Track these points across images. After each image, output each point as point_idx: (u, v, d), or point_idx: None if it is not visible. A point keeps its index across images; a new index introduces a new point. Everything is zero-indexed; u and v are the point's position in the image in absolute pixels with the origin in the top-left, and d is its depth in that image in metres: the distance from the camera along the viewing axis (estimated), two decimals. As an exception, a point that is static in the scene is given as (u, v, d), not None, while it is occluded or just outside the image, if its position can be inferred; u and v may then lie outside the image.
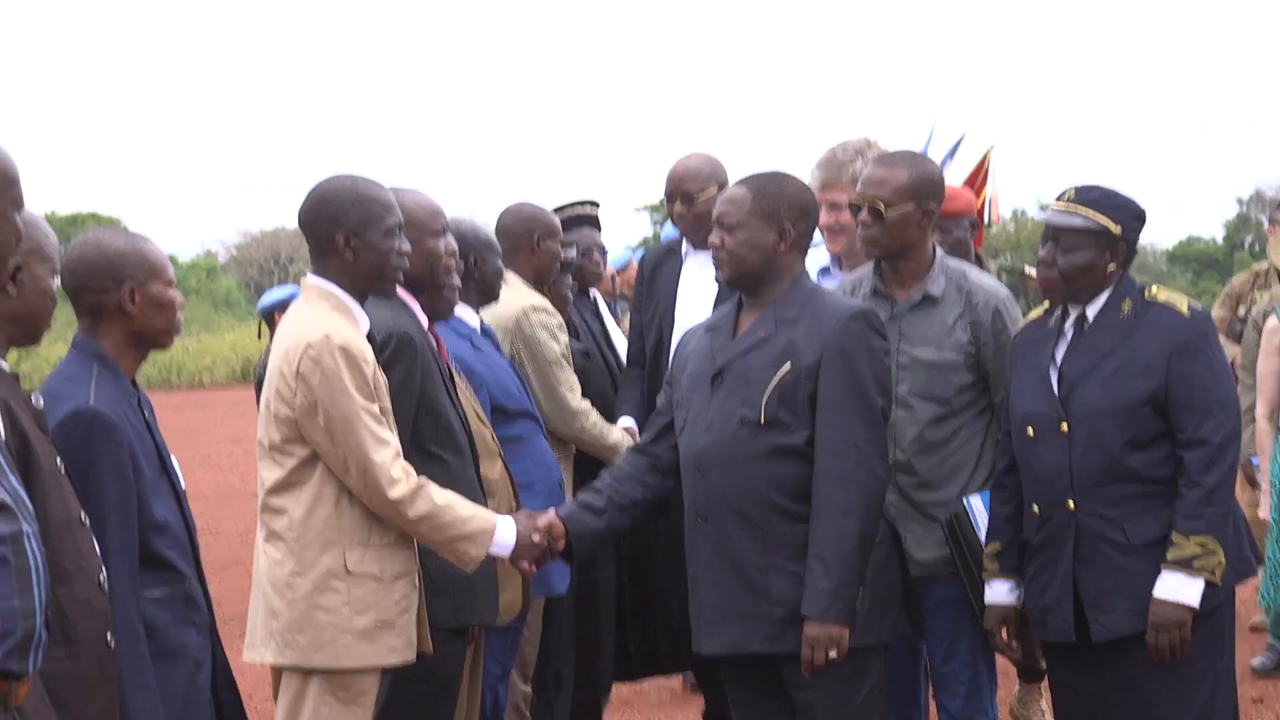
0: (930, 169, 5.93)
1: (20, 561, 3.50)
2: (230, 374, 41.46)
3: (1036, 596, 5.46)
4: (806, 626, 5.12)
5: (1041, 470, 5.41)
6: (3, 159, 3.63)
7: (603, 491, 5.53)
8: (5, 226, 3.62)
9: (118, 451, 4.49)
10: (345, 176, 5.29)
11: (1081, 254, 5.38)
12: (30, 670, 3.56)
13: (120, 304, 4.62)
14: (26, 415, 4.02)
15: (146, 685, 4.46)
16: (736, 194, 5.41)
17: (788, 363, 5.21)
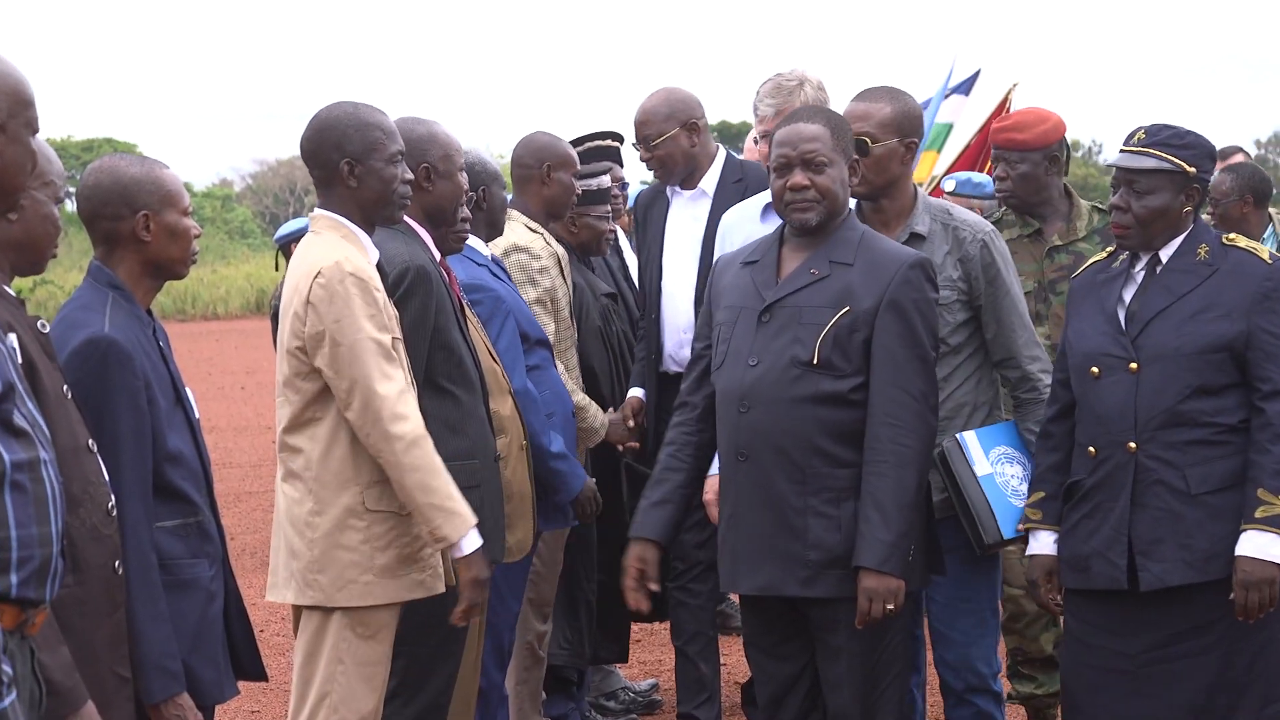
0: (911, 103, 5.84)
1: (38, 489, 3.50)
2: (245, 305, 41.39)
3: (1081, 541, 5.31)
4: (864, 578, 5.05)
5: (1103, 410, 5.27)
6: (17, 80, 3.59)
7: (669, 477, 5.47)
8: (20, 150, 3.58)
9: (132, 380, 4.49)
10: (346, 103, 5.27)
11: (1157, 197, 5.26)
12: (48, 598, 3.57)
13: (134, 232, 4.61)
14: (33, 341, 4.01)
15: (159, 615, 4.47)
16: (815, 131, 5.25)
17: (847, 306, 5.12)
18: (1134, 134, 5.33)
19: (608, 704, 8.12)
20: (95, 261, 4.65)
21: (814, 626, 5.24)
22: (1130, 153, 5.30)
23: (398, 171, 5.23)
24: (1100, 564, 5.25)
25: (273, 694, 8.38)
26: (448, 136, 5.82)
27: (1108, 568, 5.23)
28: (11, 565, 3.44)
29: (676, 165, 7.23)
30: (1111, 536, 5.22)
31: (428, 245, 5.71)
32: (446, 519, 5.05)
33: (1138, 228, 5.28)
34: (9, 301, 4.03)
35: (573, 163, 7.15)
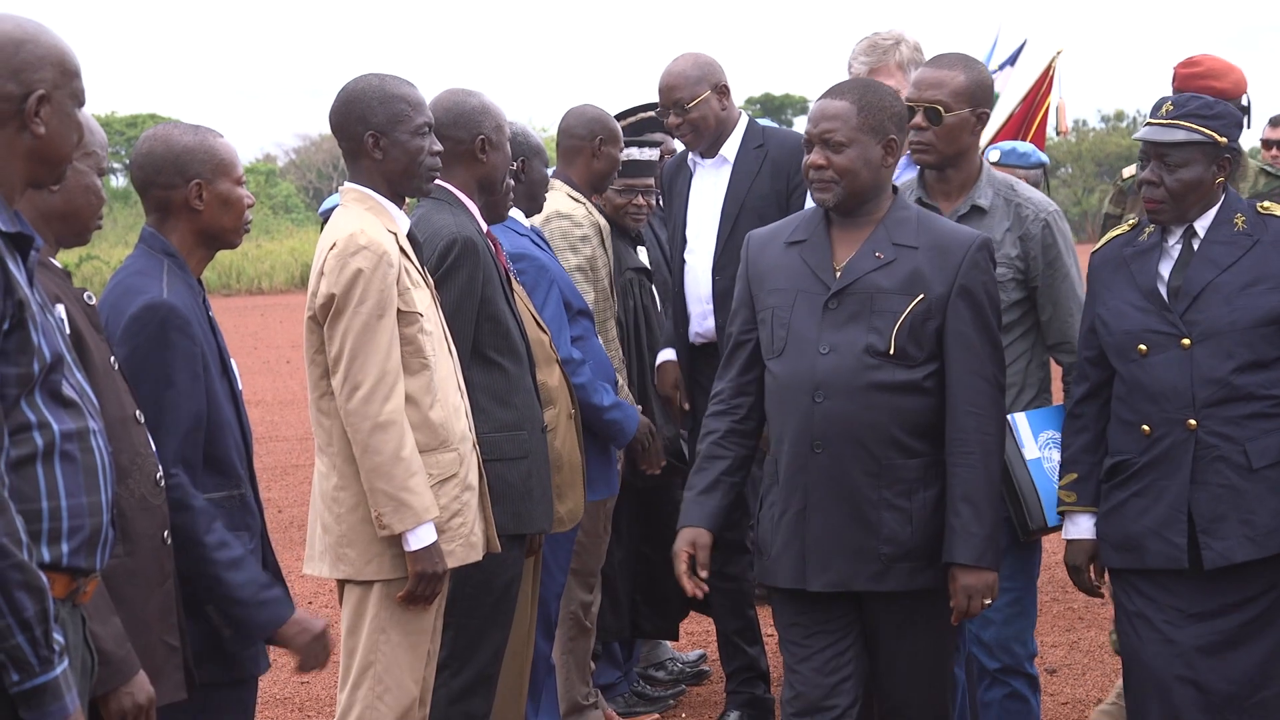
0: (984, 72, 5.71)
1: (87, 459, 3.52)
2: (289, 279, 41.51)
3: (1131, 520, 5.18)
4: (961, 575, 4.94)
5: (1157, 388, 5.12)
6: (64, 51, 3.59)
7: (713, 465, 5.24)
8: (66, 122, 3.59)
9: (190, 346, 4.49)
10: (372, 75, 5.27)
11: (1190, 170, 5.13)
12: (98, 567, 3.58)
13: (187, 200, 4.61)
14: (80, 312, 4.03)
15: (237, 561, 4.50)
16: (839, 108, 5.04)
17: (920, 294, 4.97)
18: (1161, 105, 5.21)
19: (656, 674, 8.13)
20: (149, 228, 4.65)
21: (871, 621, 5.11)
22: (1159, 125, 5.17)
23: (424, 144, 5.23)
24: (1156, 543, 5.13)
25: (321, 665, 8.40)
26: (496, 108, 5.84)
27: (1165, 546, 5.11)
28: (62, 534, 3.46)
29: (709, 129, 7.08)
30: (1167, 515, 5.11)
31: (475, 216, 5.70)
32: (395, 509, 5.00)
33: (1171, 202, 5.15)
34: (56, 273, 4.05)
35: (620, 139, 7.16)
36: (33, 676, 3.30)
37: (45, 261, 4.00)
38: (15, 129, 3.52)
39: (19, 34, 3.54)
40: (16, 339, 3.37)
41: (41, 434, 3.43)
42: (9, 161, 3.52)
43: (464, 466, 5.22)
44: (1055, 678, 8.01)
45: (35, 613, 3.28)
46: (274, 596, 4.58)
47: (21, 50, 3.52)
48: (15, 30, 3.54)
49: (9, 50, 3.51)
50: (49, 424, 3.45)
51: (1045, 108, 12.10)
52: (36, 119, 3.52)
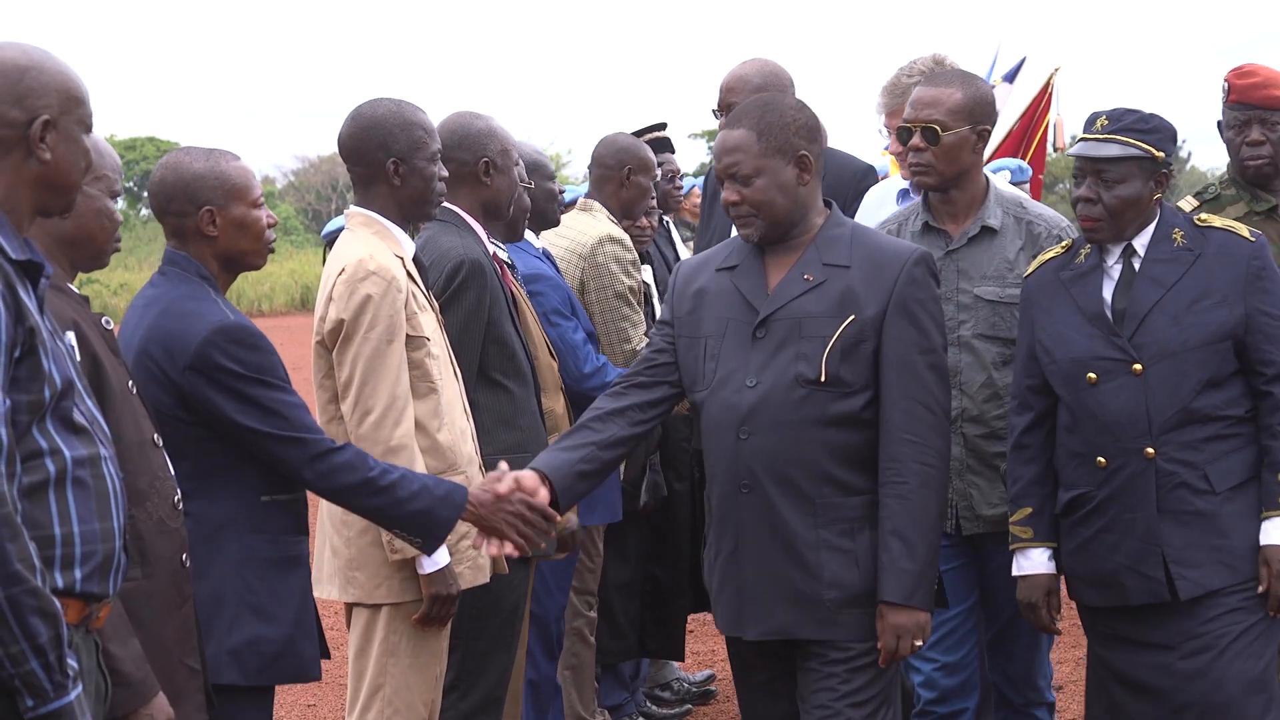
0: (984, 88, 5.51)
1: (99, 485, 3.54)
2: (289, 301, 41.52)
3: (1102, 557, 5.01)
4: (890, 614, 4.60)
5: (1109, 417, 4.94)
6: (69, 77, 3.61)
7: (580, 433, 4.89)
8: (73, 148, 3.60)
9: (272, 358, 4.54)
10: (388, 100, 5.30)
11: (1128, 186, 4.96)
12: (111, 593, 3.60)
13: (199, 227, 4.62)
14: (97, 337, 4.04)
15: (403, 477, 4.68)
16: (738, 139, 4.74)
17: (851, 315, 4.64)
18: (1094, 120, 5.04)
19: (662, 694, 8.14)
20: (178, 252, 4.66)
21: (811, 664, 4.74)
22: (1094, 140, 5.00)
23: (437, 170, 5.28)
24: (1134, 579, 4.96)
25: (328, 688, 8.42)
26: (504, 131, 5.88)
27: (1143, 582, 4.95)
28: (75, 560, 3.48)
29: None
30: (1140, 549, 4.94)
31: (481, 238, 5.73)
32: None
33: (1108, 219, 4.98)
34: (72, 299, 4.06)
35: (653, 168, 7.24)
36: (47, 702, 3.32)
37: (62, 287, 4.02)
38: (21, 156, 3.54)
39: (24, 61, 3.56)
40: (28, 366, 3.39)
41: (53, 460, 3.45)
42: (16, 189, 3.54)
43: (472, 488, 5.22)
44: (1061, 694, 8.00)
45: (49, 638, 3.30)
46: (447, 489, 4.71)
47: (26, 77, 3.54)
48: (20, 57, 3.56)
49: (13, 77, 3.53)
50: (60, 450, 3.46)
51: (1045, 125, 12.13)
52: (42, 145, 3.54)
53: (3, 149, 3.52)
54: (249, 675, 4.46)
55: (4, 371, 3.33)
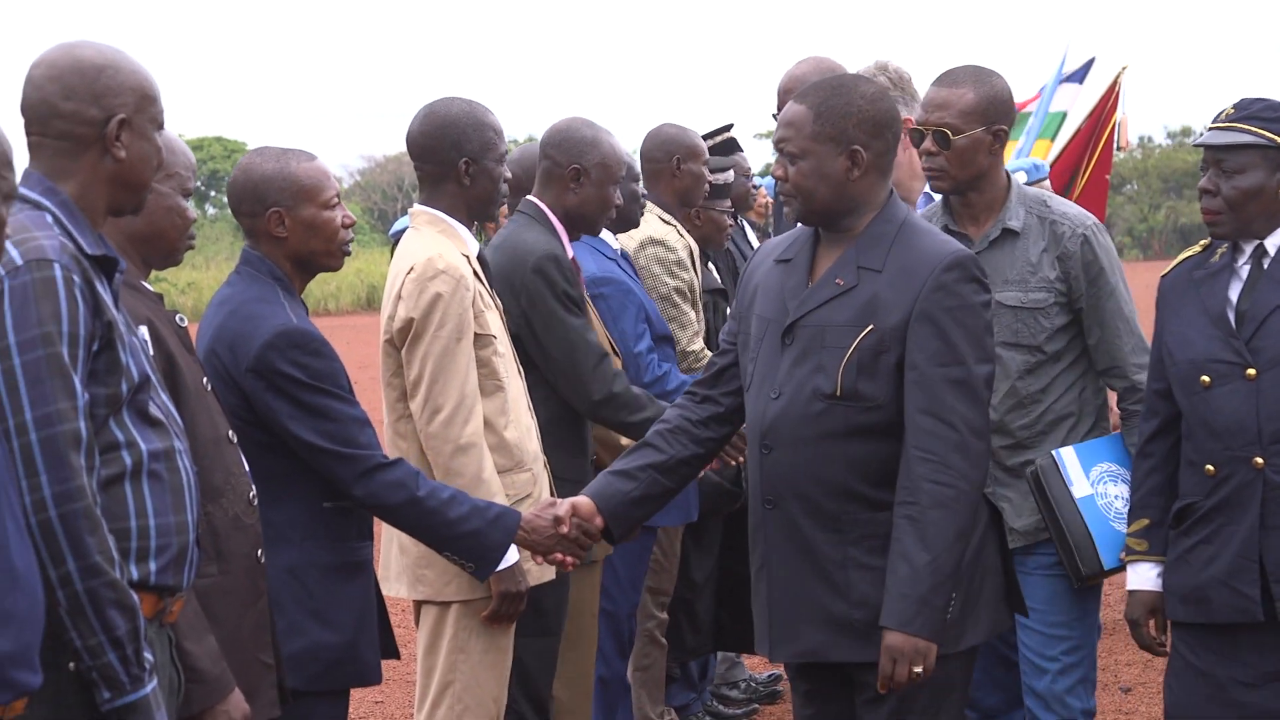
0: (999, 86, 5.19)
1: (174, 478, 3.57)
2: (355, 300, 41.71)
3: (1197, 570, 4.71)
4: (887, 636, 4.31)
5: (1219, 423, 4.66)
6: (143, 76, 3.66)
7: (643, 452, 4.80)
8: (146, 146, 3.64)
9: (333, 364, 4.55)
10: (461, 100, 5.31)
11: (1247, 176, 4.64)
12: (184, 586, 3.62)
13: (268, 228, 4.62)
14: (171, 334, 4.06)
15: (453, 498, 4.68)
16: (795, 114, 4.49)
17: (870, 324, 4.37)
18: (1223, 110, 4.75)
19: (729, 693, 8.14)
20: (252, 252, 4.67)
21: (857, 690, 4.53)
22: (1217, 129, 4.71)
23: (503, 171, 5.30)
24: (1223, 594, 4.65)
25: (395, 685, 8.44)
26: (611, 147, 5.91)
27: (1234, 598, 4.63)
28: (150, 553, 3.51)
29: None
30: (1236, 563, 4.63)
31: (562, 238, 5.77)
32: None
33: (1229, 213, 4.68)
34: (146, 296, 4.08)
35: (702, 153, 7.17)
36: (124, 694, 3.35)
37: (136, 285, 4.04)
38: (98, 154, 3.59)
39: (100, 60, 3.60)
40: (105, 360, 3.43)
41: (130, 453, 3.48)
42: (92, 186, 3.59)
43: (537, 486, 5.26)
44: (1130, 697, 7.97)
45: (126, 631, 3.32)
46: (497, 512, 4.71)
47: (103, 76, 3.59)
48: (96, 56, 3.61)
49: (90, 75, 3.58)
50: (137, 443, 3.50)
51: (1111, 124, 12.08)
52: (118, 143, 3.59)
53: (80, 147, 3.57)
54: (308, 681, 4.46)
55: (83, 365, 3.37)
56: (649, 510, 4.88)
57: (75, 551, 3.27)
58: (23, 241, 3.38)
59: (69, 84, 3.56)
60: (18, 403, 3.28)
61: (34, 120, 3.59)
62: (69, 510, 3.27)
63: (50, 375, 3.30)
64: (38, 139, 3.59)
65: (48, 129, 3.57)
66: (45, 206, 3.51)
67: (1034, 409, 5.17)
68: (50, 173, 3.57)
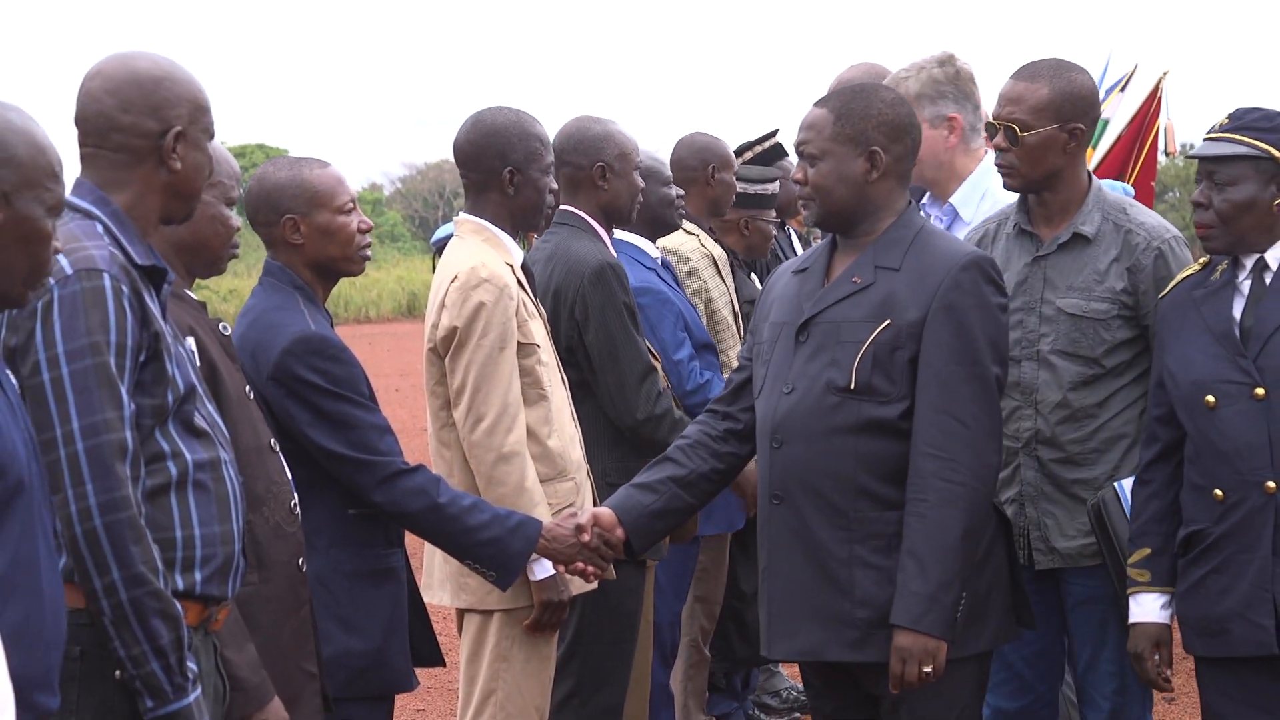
0: (1079, 82, 5.01)
1: (219, 488, 3.58)
2: (396, 308, 41.79)
3: (1213, 601, 4.52)
4: (897, 636, 4.31)
5: (1228, 446, 4.47)
6: (197, 87, 3.68)
7: (663, 466, 4.82)
8: (199, 156, 3.67)
9: (353, 370, 4.56)
10: (508, 110, 5.32)
11: (1239, 189, 4.49)
12: (229, 595, 3.64)
13: (284, 236, 4.64)
14: (214, 343, 4.08)
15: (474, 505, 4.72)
16: (815, 117, 4.53)
17: (887, 319, 4.39)
18: (1218, 121, 4.59)
19: (770, 702, 8.14)
20: (272, 261, 4.70)
21: (871, 694, 4.52)
22: (1210, 140, 4.55)
23: (549, 182, 5.30)
24: (1242, 626, 4.46)
25: (437, 693, 8.45)
26: (624, 135, 5.90)
27: (1251, 630, 4.45)
28: (195, 563, 3.53)
29: None
30: (1251, 594, 4.44)
31: (607, 244, 5.78)
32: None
33: (1221, 226, 4.52)
34: (190, 305, 4.10)
35: (733, 162, 7.19)
36: (166, 703, 3.36)
37: (180, 293, 4.05)
38: (154, 165, 3.61)
39: (156, 72, 3.63)
40: (152, 370, 3.45)
41: (175, 463, 3.50)
42: (146, 197, 3.61)
43: (580, 495, 5.27)
44: (1174, 707, 7.94)
45: (170, 640, 3.34)
46: (519, 520, 4.73)
47: (159, 88, 3.61)
48: (153, 68, 3.63)
49: (148, 87, 3.60)
50: (182, 453, 3.51)
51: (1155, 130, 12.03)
52: (174, 155, 3.61)
53: (137, 158, 3.60)
54: (336, 688, 4.45)
55: (130, 375, 3.39)
56: (670, 523, 4.90)
57: (120, 561, 3.30)
58: (73, 251, 3.40)
59: (126, 96, 3.59)
60: (65, 411, 3.31)
61: (91, 133, 3.61)
62: (114, 520, 3.29)
63: (97, 385, 3.33)
64: (94, 150, 3.61)
65: (105, 141, 3.60)
66: (96, 216, 3.53)
67: (1088, 424, 4.96)
68: (104, 183, 3.59)
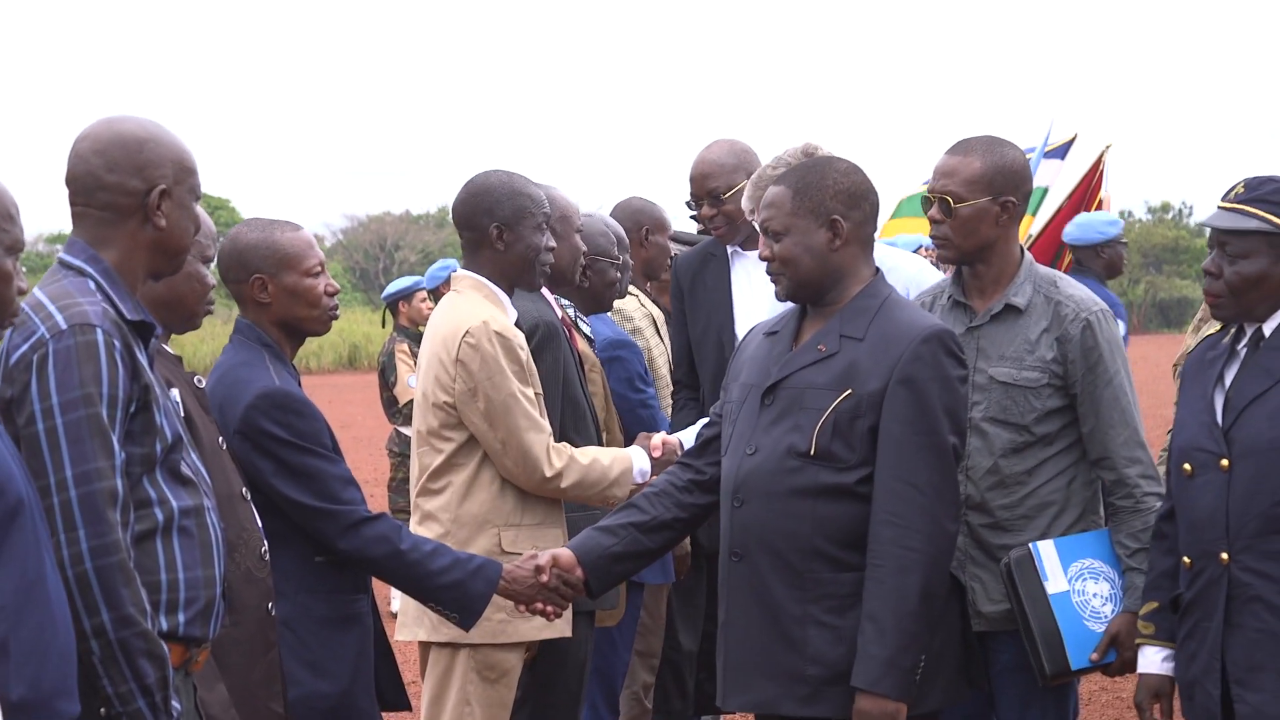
0: (1010, 156, 5.10)
1: (202, 534, 3.75)
2: (337, 359, 41.82)
3: (1184, 667, 4.58)
4: (858, 699, 4.42)
5: (1195, 515, 4.52)
6: (182, 149, 3.87)
7: (627, 511, 4.95)
8: (185, 215, 3.85)
9: (314, 425, 4.74)
10: (500, 172, 5.52)
11: (1251, 262, 4.47)
12: (210, 637, 3.80)
13: (253, 294, 4.82)
14: (190, 395, 4.27)
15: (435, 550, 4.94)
16: (775, 195, 4.69)
17: (848, 389, 4.52)
18: (1233, 188, 4.57)
19: (710, 753, 8.24)
20: (242, 320, 4.88)
21: None
22: (1225, 210, 4.53)
23: (542, 240, 5.49)
24: (1199, 693, 4.52)
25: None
26: (565, 200, 6.05)
27: (1204, 698, 4.50)
28: (179, 605, 3.69)
29: (744, 221, 6.42)
30: (1208, 662, 4.48)
31: (550, 302, 5.92)
32: (616, 487, 5.54)
33: (1230, 296, 4.51)
34: (168, 358, 4.28)
35: (668, 226, 7.41)
36: (151, 739, 3.52)
37: (159, 347, 4.21)
38: (139, 222, 3.79)
39: (142, 133, 3.81)
40: (142, 421, 3.62)
41: (161, 510, 3.68)
42: (133, 253, 3.78)
43: (562, 542, 5.44)
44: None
45: (156, 679, 3.51)
46: (480, 563, 4.93)
47: (145, 149, 3.79)
48: (139, 130, 3.82)
49: (133, 148, 3.78)
50: (168, 500, 3.69)
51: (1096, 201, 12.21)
52: (158, 212, 3.79)
53: (122, 216, 3.77)
54: None
55: (121, 426, 3.55)
56: (629, 567, 5.03)
57: (109, 603, 3.45)
58: (66, 307, 3.57)
59: (112, 157, 3.76)
60: (59, 460, 3.47)
61: (79, 191, 3.79)
62: (105, 564, 3.45)
63: (90, 435, 3.49)
64: (82, 209, 3.79)
65: (92, 200, 3.77)
66: (88, 273, 3.71)
67: (1017, 490, 5.02)
68: (93, 240, 3.76)
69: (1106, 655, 4.93)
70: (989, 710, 5.17)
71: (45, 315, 3.56)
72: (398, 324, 12.15)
